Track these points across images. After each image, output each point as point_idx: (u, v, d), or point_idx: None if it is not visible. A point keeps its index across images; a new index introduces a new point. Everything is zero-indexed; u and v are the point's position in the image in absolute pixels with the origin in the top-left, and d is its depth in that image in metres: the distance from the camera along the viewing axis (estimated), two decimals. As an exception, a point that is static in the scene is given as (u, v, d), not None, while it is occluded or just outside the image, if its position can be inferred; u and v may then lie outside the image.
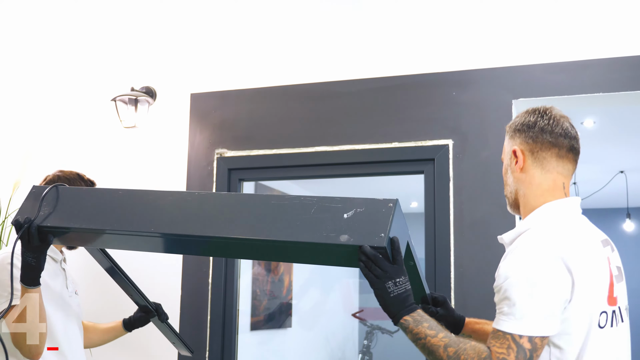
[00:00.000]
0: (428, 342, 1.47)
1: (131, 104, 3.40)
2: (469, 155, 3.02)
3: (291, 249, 1.61)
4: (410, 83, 3.16)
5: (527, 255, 1.44)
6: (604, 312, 1.47)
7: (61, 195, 1.85)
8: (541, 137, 1.62)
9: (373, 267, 1.48)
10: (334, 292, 7.67)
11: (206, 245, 1.81)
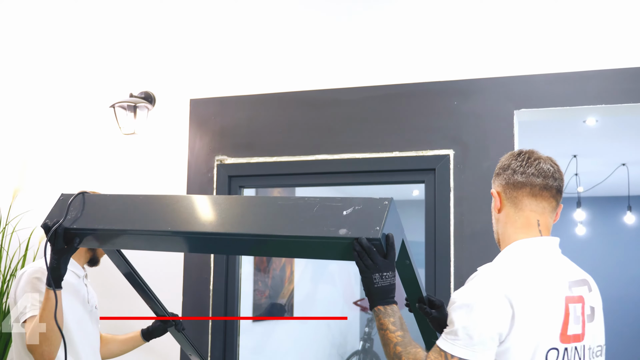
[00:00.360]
0: (386, 334, 1.64)
1: (130, 110, 3.38)
2: (470, 166, 3.01)
3: (295, 243, 1.76)
4: (411, 91, 3.14)
5: (474, 286, 1.56)
6: (553, 349, 1.55)
7: (87, 201, 2.02)
8: (513, 178, 1.72)
9: (365, 258, 1.64)
10: (334, 283, 7.71)
11: (217, 243, 1.95)
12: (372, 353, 7.78)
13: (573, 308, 1.60)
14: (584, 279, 1.70)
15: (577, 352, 1.60)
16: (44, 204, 3.59)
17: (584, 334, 1.62)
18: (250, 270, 5.43)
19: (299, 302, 6.68)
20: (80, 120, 3.65)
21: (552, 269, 1.64)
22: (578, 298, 1.62)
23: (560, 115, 3.01)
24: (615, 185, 7.61)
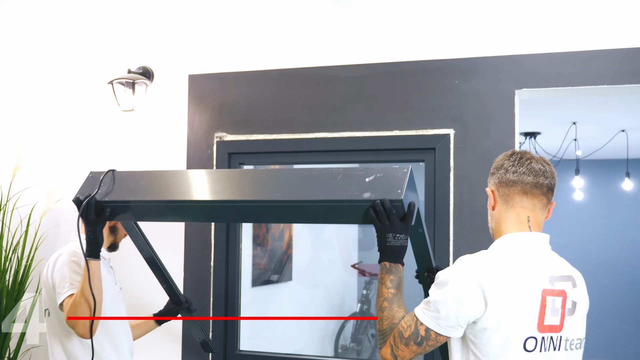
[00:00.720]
0: (381, 288, 1.83)
1: (128, 87, 3.35)
2: (470, 146, 3.01)
3: (321, 208, 1.92)
4: (412, 70, 3.11)
5: (454, 269, 1.73)
6: (532, 338, 1.69)
7: (117, 177, 2.20)
8: (505, 177, 1.84)
9: (384, 218, 1.81)
10: (333, 248, 7.75)
11: (242, 211, 2.10)
12: (369, 315, 7.88)
13: (551, 300, 1.71)
14: (570, 275, 1.79)
15: (552, 341, 1.71)
16: (43, 181, 3.61)
17: (562, 325, 1.73)
18: (249, 238, 5.46)
19: (297, 267, 6.74)
20: (79, 97, 3.63)
21: (533, 262, 1.75)
22: (559, 292, 1.73)
23: (562, 94, 3.00)
24: (614, 151, 7.61)
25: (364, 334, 7.77)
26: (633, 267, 8.57)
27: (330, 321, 7.91)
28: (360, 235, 7.92)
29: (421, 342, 1.72)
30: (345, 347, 7.73)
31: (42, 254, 3.60)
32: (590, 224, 8.74)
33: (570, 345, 1.76)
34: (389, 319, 1.78)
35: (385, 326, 1.79)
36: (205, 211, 2.16)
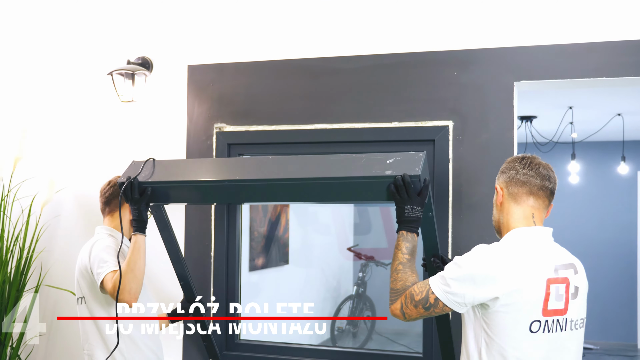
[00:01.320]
0: (397, 253, 2.13)
1: (128, 78, 3.35)
2: (469, 138, 3.02)
3: (347, 185, 2.23)
4: (412, 61, 3.12)
5: (473, 256, 1.97)
6: (536, 321, 1.92)
7: (156, 164, 2.54)
8: (516, 177, 2.09)
9: (403, 192, 2.13)
10: (329, 231, 7.78)
11: (275, 189, 2.37)
12: (365, 297, 7.93)
13: (555, 288, 1.94)
14: (572, 263, 2.03)
15: (558, 323, 1.95)
16: (44, 172, 3.62)
17: (566, 309, 1.97)
18: (245, 223, 5.49)
19: (294, 251, 6.77)
20: (79, 88, 3.63)
21: (539, 254, 1.98)
22: (562, 279, 1.96)
23: (561, 86, 3.01)
24: (610, 134, 7.64)
25: (360, 316, 7.83)
26: (627, 250, 8.64)
27: (327, 304, 7.96)
28: (356, 219, 7.96)
29: (429, 307, 1.98)
30: (341, 329, 7.79)
31: (43, 245, 3.62)
32: (586, 207, 8.79)
33: (575, 325, 2.00)
34: (403, 280, 2.07)
35: (398, 286, 2.07)
36: (239, 190, 2.42)
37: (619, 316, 8.63)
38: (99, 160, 3.57)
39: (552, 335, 1.94)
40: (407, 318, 2.05)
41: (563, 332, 1.96)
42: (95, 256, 2.69)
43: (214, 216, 3.37)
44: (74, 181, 3.62)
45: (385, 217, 7.57)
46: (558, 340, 1.96)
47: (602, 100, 6.04)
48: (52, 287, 3.60)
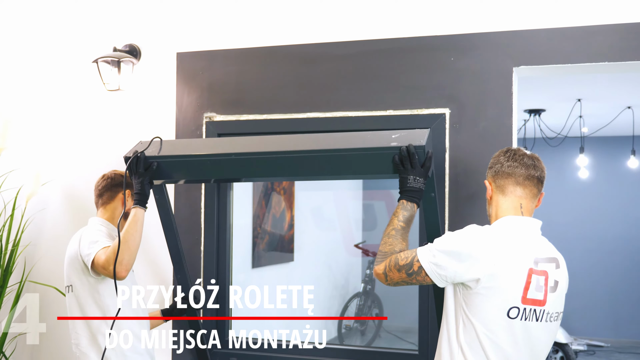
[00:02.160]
0: (393, 219, 2.21)
1: (114, 65, 3.24)
2: (467, 126, 2.89)
3: (354, 158, 2.31)
4: (407, 47, 2.99)
5: (463, 233, 2.04)
6: (514, 307, 1.97)
7: (164, 142, 2.61)
8: (501, 170, 2.15)
9: (407, 162, 2.20)
10: (335, 228, 7.68)
11: (279, 162, 2.43)
12: (373, 295, 7.82)
13: (536, 279, 1.99)
14: (554, 257, 2.07)
15: (535, 313, 1.99)
16: (29, 164, 3.52)
17: (545, 300, 2.01)
18: (249, 219, 5.39)
19: (299, 248, 6.66)
20: (63, 77, 3.52)
21: (524, 244, 2.03)
22: (542, 272, 2.00)
23: (562, 72, 2.87)
24: (620, 128, 7.47)
25: (367, 314, 7.72)
26: (638, 246, 8.45)
27: (334, 302, 7.86)
28: (363, 215, 7.84)
29: (411, 274, 2.05)
30: (349, 327, 7.69)
31: (28, 239, 3.52)
32: (596, 202, 8.60)
33: (550, 317, 2.04)
34: (392, 245, 2.13)
35: (386, 249, 2.13)
36: (246, 163, 2.47)
37: (630, 313, 8.46)
38: (85, 151, 3.47)
39: (527, 323, 1.99)
40: (389, 281, 2.12)
41: (538, 322, 2.01)
42: (85, 240, 2.66)
43: (204, 215, 3.25)
44: (61, 173, 3.52)
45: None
46: (532, 330, 2.01)
47: (612, 92, 5.88)
48: (37, 284, 3.50)
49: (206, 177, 2.76)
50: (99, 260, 2.56)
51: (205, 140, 2.70)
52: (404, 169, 2.21)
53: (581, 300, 7.93)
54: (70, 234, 3.38)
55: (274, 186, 5.56)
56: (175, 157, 2.53)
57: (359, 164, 2.34)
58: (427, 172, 2.23)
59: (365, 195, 7.80)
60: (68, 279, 2.75)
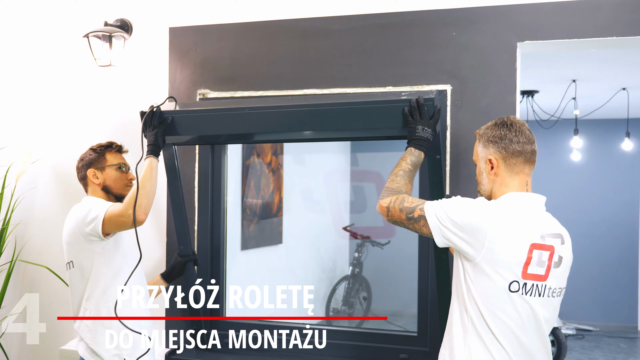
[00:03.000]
0: (401, 163, 2.28)
1: (105, 40, 3.15)
2: (468, 103, 2.83)
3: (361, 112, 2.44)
4: (406, 21, 2.91)
5: (470, 202, 2.05)
6: (515, 282, 1.97)
7: (178, 103, 2.79)
8: (511, 147, 2.10)
9: (415, 112, 2.32)
10: (323, 210, 7.62)
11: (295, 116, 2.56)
12: (361, 278, 7.78)
13: (538, 254, 1.98)
14: (559, 233, 2.06)
15: (537, 288, 1.99)
16: (18, 141, 3.42)
17: (547, 276, 2.00)
18: (237, 200, 5.31)
19: (288, 230, 6.60)
20: (53, 51, 3.42)
21: (527, 218, 2.02)
22: (548, 247, 2.00)
23: (568, 47, 2.81)
24: (614, 111, 7.43)
25: (355, 297, 7.70)
26: (629, 229, 8.45)
27: (322, 285, 7.82)
28: (352, 197, 7.79)
29: (410, 219, 2.10)
30: (336, 310, 7.67)
31: (18, 218, 3.43)
32: (587, 185, 8.58)
33: (553, 293, 2.04)
34: (399, 184, 2.21)
35: (394, 186, 2.20)
36: (261, 117, 2.59)
37: (620, 298, 8.47)
38: (76, 128, 3.38)
39: (529, 298, 1.99)
40: (389, 217, 2.16)
41: (540, 298, 2.01)
42: (84, 208, 2.63)
43: (197, 194, 3.18)
44: (51, 151, 3.42)
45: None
46: (535, 305, 2.01)
47: (607, 72, 5.83)
48: (28, 263, 3.42)
49: (220, 132, 2.77)
50: (113, 212, 2.55)
51: (216, 103, 2.81)
52: (413, 120, 2.31)
53: (570, 284, 7.80)
54: (61, 212, 3.31)
55: (263, 167, 5.49)
56: (191, 112, 2.67)
57: (371, 118, 2.43)
58: (435, 124, 2.33)
59: (355, 176, 7.75)
60: (68, 255, 2.69)
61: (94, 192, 2.77)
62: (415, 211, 2.09)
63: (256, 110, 2.61)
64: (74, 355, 3.22)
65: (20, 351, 3.50)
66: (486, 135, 2.15)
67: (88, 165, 2.75)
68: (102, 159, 2.78)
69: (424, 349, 2.87)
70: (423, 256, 2.91)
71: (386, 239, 7.38)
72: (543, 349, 2.07)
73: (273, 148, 5.67)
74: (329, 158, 7.50)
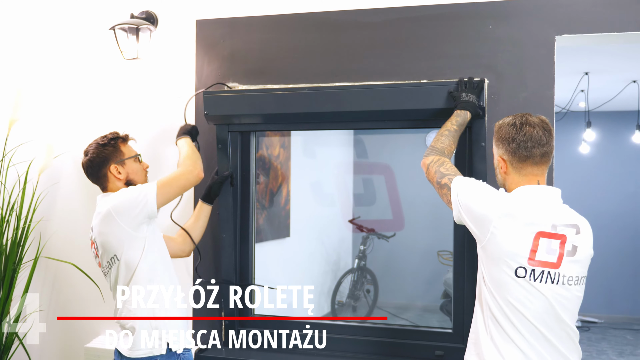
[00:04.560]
0: (446, 122, 2.49)
1: (132, 33, 3.09)
2: (506, 96, 2.79)
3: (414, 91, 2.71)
4: (441, 14, 2.87)
5: (488, 192, 2.14)
6: (521, 267, 2.03)
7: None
8: (518, 152, 2.15)
9: (462, 84, 2.64)
10: (331, 203, 7.59)
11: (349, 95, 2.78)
12: (366, 270, 7.76)
13: (547, 242, 2.03)
14: (575, 224, 2.09)
15: (549, 275, 2.03)
16: (41, 135, 3.36)
17: (559, 263, 2.04)
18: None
19: (295, 223, 6.57)
20: (79, 44, 3.36)
21: (538, 209, 2.08)
22: (559, 236, 2.05)
23: (608, 41, 2.78)
24: (625, 103, 7.41)
25: (360, 289, 7.68)
26: (634, 221, 8.45)
27: (327, 278, 7.80)
28: (360, 190, 7.76)
29: (438, 184, 2.26)
30: (341, 304, 7.65)
31: (41, 214, 3.38)
32: (594, 177, 8.54)
33: (568, 280, 2.06)
34: (443, 144, 2.39)
35: (439, 146, 2.38)
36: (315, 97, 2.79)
37: (624, 289, 8.48)
38: (100, 122, 3.32)
39: (540, 285, 2.03)
40: (426, 174, 2.34)
41: (554, 285, 2.04)
42: (124, 195, 2.51)
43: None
44: (74, 145, 3.36)
45: (390, 187, 7.36)
46: (547, 292, 2.04)
47: (619, 65, 5.80)
48: (51, 259, 3.37)
49: (273, 110, 2.87)
50: (170, 177, 2.59)
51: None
52: (460, 89, 2.60)
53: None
54: (85, 207, 3.27)
55: (272, 160, 5.47)
56: (244, 92, 2.87)
57: (422, 96, 2.68)
58: (479, 94, 2.60)
59: (364, 169, 7.72)
60: (109, 251, 2.51)
61: (115, 188, 2.61)
62: (444, 179, 2.24)
63: (314, 90, 2.83)
64: (99, 352, 3.19)
65: (42, 351, 3.45)
66: (498, 133, 2.21)
67: (107, 161, 2.58)
68: (119, 152, 2.63)
69: (460, 345, 2.84)
70: (458, 253, 2.88)
71: (395, 231, 7.37)
72: (567, 339, 2.08)
73: (281, 141, 5.64)
74: (335, 151, 7.47)
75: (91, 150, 2.62)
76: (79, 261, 3.30)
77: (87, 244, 3.30)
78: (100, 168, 2.60)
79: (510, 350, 2.05)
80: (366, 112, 2.80)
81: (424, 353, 2.89)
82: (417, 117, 2.79)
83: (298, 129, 3.14)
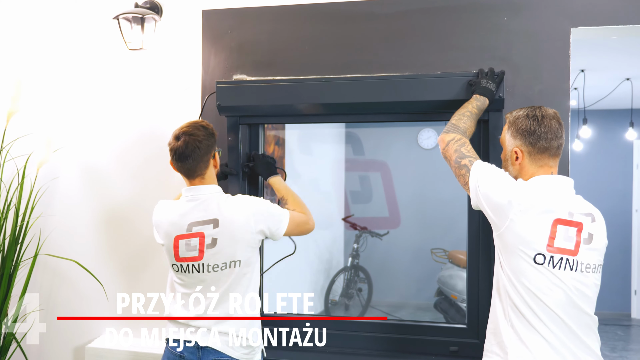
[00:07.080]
0: (467, 105, 2.51)
1: (136, 23, 3.01)
2: (521, 89, 2.75)
3: (435, 81, 2.68)
4: (455, 5, 2.83)
5: (507, 181, 2.15)
6: (540, 254, 2.04)
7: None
8: (538, 144, 2.18)
9: (482, 73, 2.63)
10: (330, 200, 7.54)
11: (369, 86, 2.75)
12: (360, 269, 7.72)
13: (564, 229, 2.05)
14: (590, 213, 2.12)
15: (568, 262, 2.05)
16: (41, 128, 3.27)
17: (577, 250, 2.06)
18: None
19: (291, 220, 6.50)
20: (81, 34, 3.27)
21: (553, 197, 2.10)
22: (576, 223, 2.07)
23: (624, 33, 2.75)
24: (618, 101, 7.43)
25: (353, 288, 7.64)
26: (622, 217, 8.50)
27: (320, 276, 7.75)
28: (356, 187, 7.71)
29: (456, 163, 2.28)
30: (334, 302, 7.60)
31: (40, 210, 3.28)
32: (587, 175, 8.57)
33: (586, 268, 2.07)
34: (465, 124, 2.41)
35: (460, 125, 2.40)
36: (333, 87, 2.77)
37: (613, 286, 8.53)
38: (102, 115, 3.23)
39: (559, 271, 2.04)
40: (444, 151, 2.35)
41: (573, 272, 2.05)
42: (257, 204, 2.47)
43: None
44: (74, 139, 3.28)
45: (386, 184, 7.33)
46: (566, 279, 2.05)
47: (611, 63, 5.80)
48: (51, 256, 3.27)
49: (289, 101, 2.83)
50: (299, 218, 2.62)
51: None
52: (480, 77, 2.59)
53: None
54: (84, 203, 3.19)
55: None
56: (264, 82, 2.80)
57: (442, 87, 2.64)
58: (498, 84, 2.59)
59: (360, 166, 7.68)
60: (233, 255, 2.40)
61: (211, 177, 2.49)
62: (464, 160, 2.26)
63: (332, 81, 2.78)
64: (102, 352, 3.10)
65: (42, 351, 3.36)
66: (516, 125, 2.22)
67: (214, 146, 2.46)
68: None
69: (474, 340, 2.81)
70: (472, 249, 2.83)
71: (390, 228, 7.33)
72: (586, 327, 2.08)
73: (275, 138, 5.59)
74: (329, 149, 7.42)
75: (200, 132, 2.43)
76: (80, 258, 3.21)
77: (88, 241, 3.22)
78: (209, 151, 2.45)
79: (532, 337, 2.05)
80: (380, 104, 2.75)
81: (438, 349, 2.84)
82: (430, 110, 2.75)
83: (310, 122, 3.06)
